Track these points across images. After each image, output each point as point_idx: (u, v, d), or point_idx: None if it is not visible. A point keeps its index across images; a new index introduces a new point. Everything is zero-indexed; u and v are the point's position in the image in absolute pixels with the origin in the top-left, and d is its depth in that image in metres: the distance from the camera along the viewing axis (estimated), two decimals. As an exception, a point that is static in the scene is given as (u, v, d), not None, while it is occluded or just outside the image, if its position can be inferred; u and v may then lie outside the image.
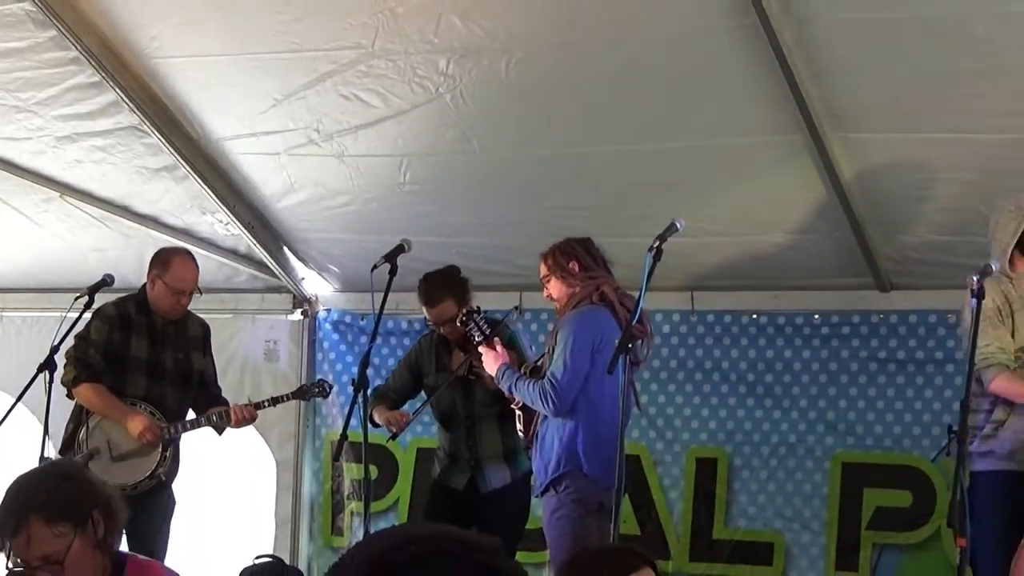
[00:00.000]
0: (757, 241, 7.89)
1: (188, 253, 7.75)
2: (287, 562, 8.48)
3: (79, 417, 7.43)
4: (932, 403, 7.86)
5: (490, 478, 7.53)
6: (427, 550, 1.67)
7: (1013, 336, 6.35)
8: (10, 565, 4.28)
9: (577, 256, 7.00)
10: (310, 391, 7.97)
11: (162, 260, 7.56)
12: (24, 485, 4.27)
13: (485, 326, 7.19)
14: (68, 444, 7.37)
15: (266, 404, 7.78)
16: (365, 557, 1.68)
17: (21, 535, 4.14)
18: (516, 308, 8.49)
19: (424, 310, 7.48)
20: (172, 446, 7.53)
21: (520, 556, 8.38)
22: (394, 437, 7.60)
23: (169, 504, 7.58)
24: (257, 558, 7.90)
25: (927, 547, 7.77)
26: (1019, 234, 6.36)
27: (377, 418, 7.48)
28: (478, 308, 7.34)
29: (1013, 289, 6.34)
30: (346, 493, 9.06)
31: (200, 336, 7.80)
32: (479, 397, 7.51)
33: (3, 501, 4.24)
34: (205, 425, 7.59)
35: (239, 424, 7.63)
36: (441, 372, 7.60)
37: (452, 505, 7.56)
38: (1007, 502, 6.23)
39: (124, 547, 4.56)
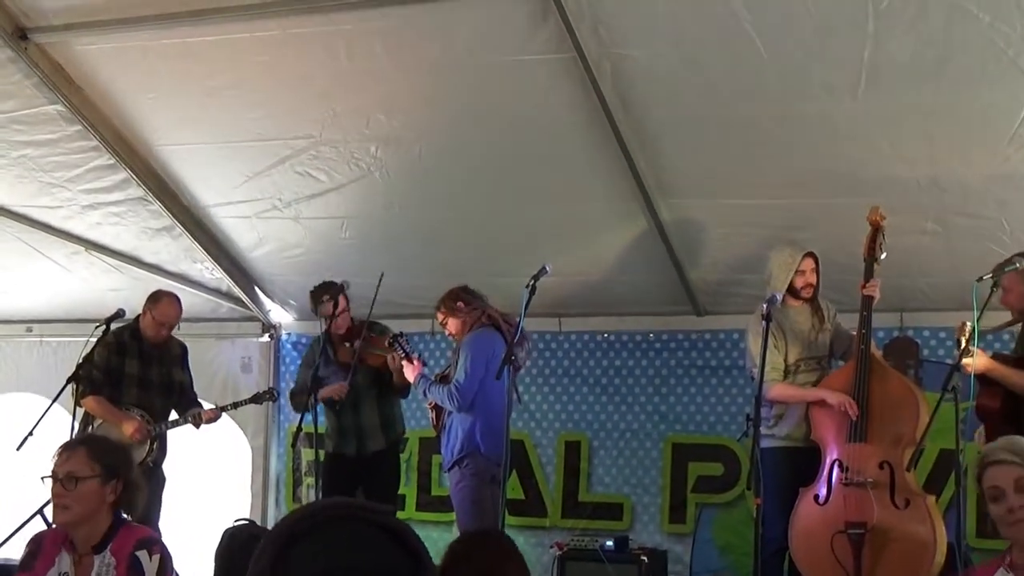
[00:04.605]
0: (606, 280, 7.88)
1: (175, 296, 7.70)
2: (259, 523, 8.45)
3: (87, 420, 7.40)
4: (736, 398, 7.88)
5: (369, 443, 7.47)
6: (330, 516, 1.59)
7: (787, 356, 6.53)
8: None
9: (461, 297, 7.07)
10: (262, 397, 7.93)
11: (155, 298, 7.56)
12: (96, 435, 4.32)
13: (408, 346, 7.26)
14: None
15: (229, 407, 7.79)
16: (280, 531, 1.59)
17: (66, 454, 4.24)
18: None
19: (320, 308, 7.33)
20: (159, 439, 7.49)
21: (434, 516, 8.39)
22: (336, 405, 7.41)
23: (160, 481, 7.51)
24: (236, 520, 7.82)
25: (735, 504, 7.77)
26: (792, 275, 6.56)
27: (322, 394, 7.27)
28: (401, 332, 7.39)
29: (785, 319, 6.50)
30: (303, 471, 8.96)
31: (179, 355, 7.76)
32: (361, 379, 7.46)
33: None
34: (183, 423, 7.57)
35: (208, 422, 7.61)
36: (330, 364, 7.47)
37: (345, 469, 7.46)
38: (785, 470, 6.36)
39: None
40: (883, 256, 6.37)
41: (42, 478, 4.33)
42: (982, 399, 5.97)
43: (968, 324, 5.73)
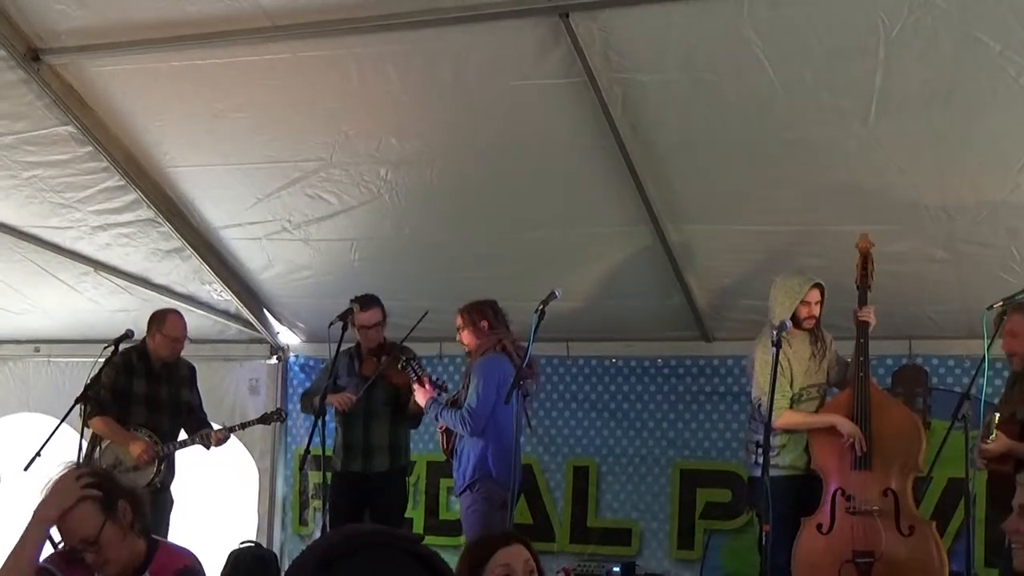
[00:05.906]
0: (615, 304, 7.86)
1: (177, 311, 7.76)
2: (265, 545, 8.46)
3: (95, 440, 7.43)
4: (745, 424, 7.65)
5: (375, 462, 7.46)
6: (362, 543, 1.60)
7: (792, 384, 6.53)
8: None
9: (487, 317, 7.08)
10: (270, 418, 7.93)
11: (159, 319, 7.59)
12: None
13: (419, 369, 7.26)
14: (87, 460, 7.28)
15: (237, 428, 7.81)
16: (313, 555, 1.60)
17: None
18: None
19: (357, 316, 7.23)
20: (166, 460, 7.49)
21: (442, 540, 8.34)
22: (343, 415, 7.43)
23: (168, 503, 7.54)
24: (242, 543, 7.85)
25: (743, 531, 7.74)
26: (796, 305, 6.53)
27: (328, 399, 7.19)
28: (414, 355, 7.41)
29: (789, 348, 6.47)
30: (310, 494, 8.95)
31: (188, 375, 7.78)
32: (378, 397, 7.47)
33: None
34: (192, 444, 7.57)
35: (217, 443, 7.61)
36: (352, 376, 7.50)
37: (352, 490, 7.46)
38: (788, 496, 6.34)
39: None
40: (872, 281, 6.41)
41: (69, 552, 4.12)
42: (995, 463, 5.93)
43: (998, 415, 5.75)
